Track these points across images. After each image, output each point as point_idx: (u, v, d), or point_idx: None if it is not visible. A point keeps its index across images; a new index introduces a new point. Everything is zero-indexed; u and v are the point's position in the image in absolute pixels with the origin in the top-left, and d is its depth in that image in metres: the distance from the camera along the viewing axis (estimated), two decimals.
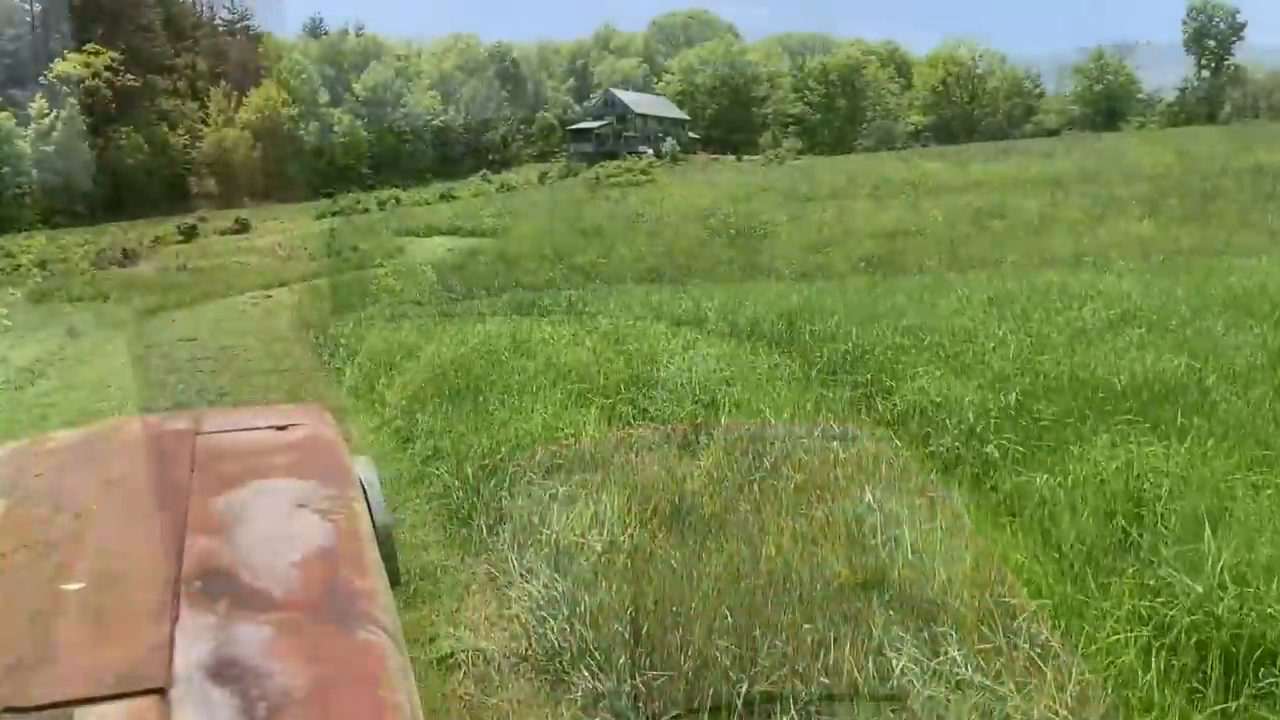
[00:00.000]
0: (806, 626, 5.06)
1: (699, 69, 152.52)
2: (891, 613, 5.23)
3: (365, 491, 2.74)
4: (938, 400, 8.62)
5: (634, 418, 9.61)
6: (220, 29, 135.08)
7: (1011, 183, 37.06)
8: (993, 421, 8.03)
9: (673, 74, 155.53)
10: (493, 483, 8.13)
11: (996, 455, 7.51)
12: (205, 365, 15.85)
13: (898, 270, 17.15)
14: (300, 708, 1.58)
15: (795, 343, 11.27)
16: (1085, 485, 6.56)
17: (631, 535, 6.73)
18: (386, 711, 1.63)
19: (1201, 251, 16.24)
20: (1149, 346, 10.06)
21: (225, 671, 1.63)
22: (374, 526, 2.57)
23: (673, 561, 6.22)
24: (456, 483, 8.58)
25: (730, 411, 8.94)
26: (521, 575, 6.70)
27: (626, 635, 5.33)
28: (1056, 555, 5.50)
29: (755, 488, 7.35)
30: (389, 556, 2.72)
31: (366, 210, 79.93)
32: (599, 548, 6.59)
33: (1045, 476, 6.86)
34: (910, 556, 5.74)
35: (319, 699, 1.61)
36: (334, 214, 76.61)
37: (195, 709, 1.56)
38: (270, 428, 2.82)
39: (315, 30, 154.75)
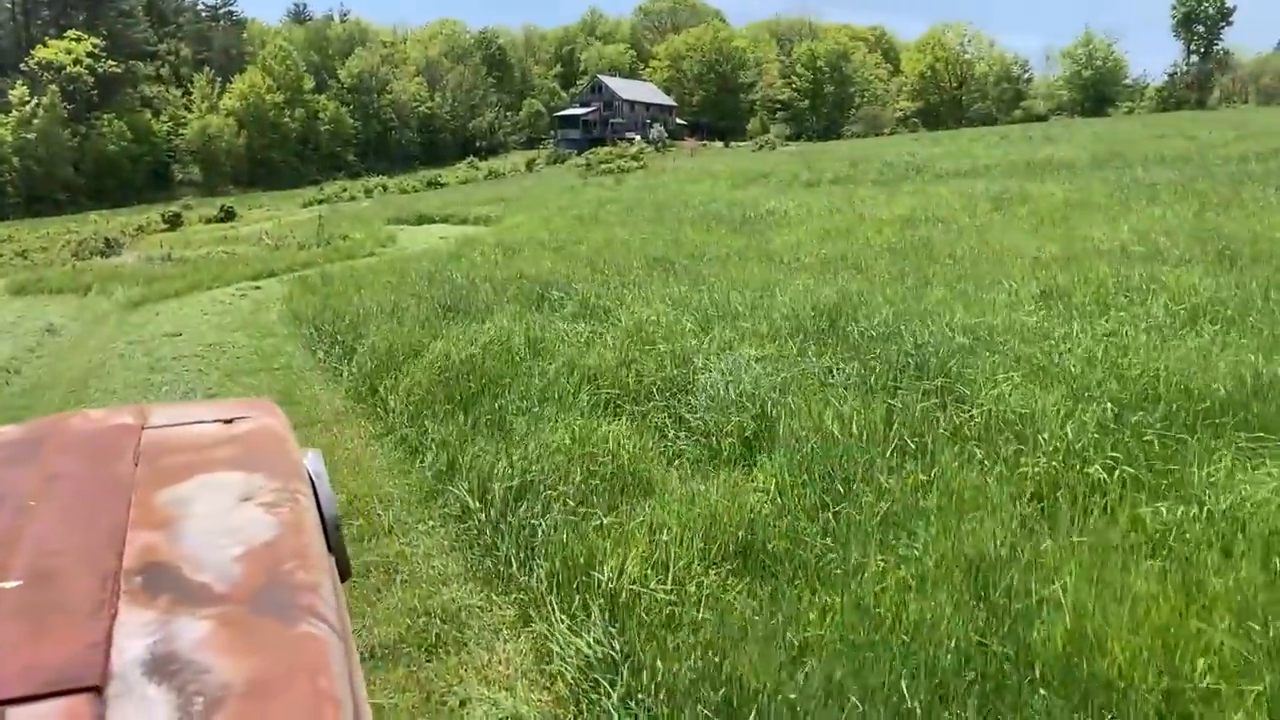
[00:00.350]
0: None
1: (686, 55, 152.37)
2: (1046, 693, 4.24)
3: (314, 484, 2.61)
4: (1022, 411, 7.58)
5: (672, 429, 8.60)
6: (203, 14, 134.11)
7: (1022, 167, 36.04)
8: (1091, 438, 7.02)
9: (660, 60, 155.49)
10: (522, 507, 7.12)
11: (1103, 478, 6.50)
12: (192, 363, 14.84)
13: (927, 259, 16.08)
14: (238, 701, 1.53)
15: (844, 343, 10.19)
16: (1230, 519, 5.58)
17: (699, 580, 5.74)
18: (325, 703, 1.58)
19: (1258, 239, 15.22)
20: (1235, 347, 9.09)
21: (163, 667, 1.60)
22: (323, 519, 2.48)
23: (755, 615, 5.24)
24: (477, 504, 7.58)
25: (787, 423, 7.90)
26: (565, 624, 5.72)
27: None
28: (1249, 627, 4.46)
29: (833, 518, 6.36)
30: (338, 549, 2.62)
31: (353, 198, 79.48)
32: (661, 596, 5.58)
33: (1177, 507, 5.86)
34: (1056, 615, 4.74)
35: (257, 692, 1.56)
36: (320, 201, 76.34)
37: (131, 706, 1.52)
38: (218, 421, 2.71)
39: (300, 16, 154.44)
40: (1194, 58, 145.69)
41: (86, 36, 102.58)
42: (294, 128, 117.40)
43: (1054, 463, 6.81)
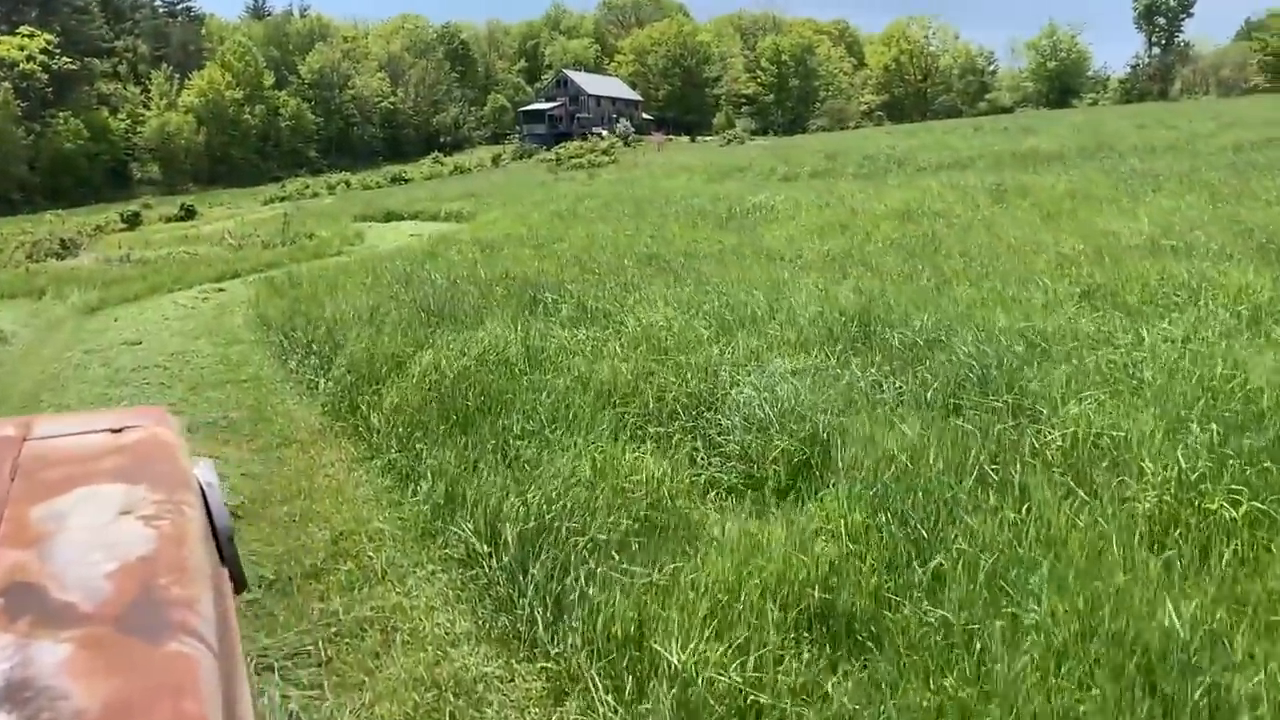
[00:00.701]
0: None
1: (650, 49, 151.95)
2: None
3: (205, 494, 2.29)
4: (1115, 434, 6.58)
5: (706, 456, 7.55)
6: (160, 10, 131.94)
7: (1008, 159, 35.29)
8: (1204, 467, 6.02)
9: (624, 54, 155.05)
10: (542, 553, 6.04)
11: (1231, 516, 5.51)
12: (153, 375, 13.69)
13: (940, 256, 15.14)
14: None
15: (884, 352, 9.14)
16: None
17: (779, 657, 4.70)
18: None
19: None
20: None
21: (15, 695, 1.41)
22: (215, 531, 2.26)
23: (859, 708, 4.21)
24: (486, 547, 6.51)
25: (843, 449, 6.86)
26: (613, 705, 4.70)
27: None
28: None
29: (919, 569, 5.34)
30: (231, 561, 2.31)
31: (316, 195, 78.38)
32: (740, 679, 4.54)
33: None
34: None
35: (114, 717, 1.36)
36: (282, 199, 75.34)
37: None
38: (105, 431, 2.37)
39: (259, 11, 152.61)
40: (1155, 50, 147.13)
41: (40, 33, 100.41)
42: (254, 124, 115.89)
43: (1165, 497, 5.82)
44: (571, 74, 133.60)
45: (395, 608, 6.31)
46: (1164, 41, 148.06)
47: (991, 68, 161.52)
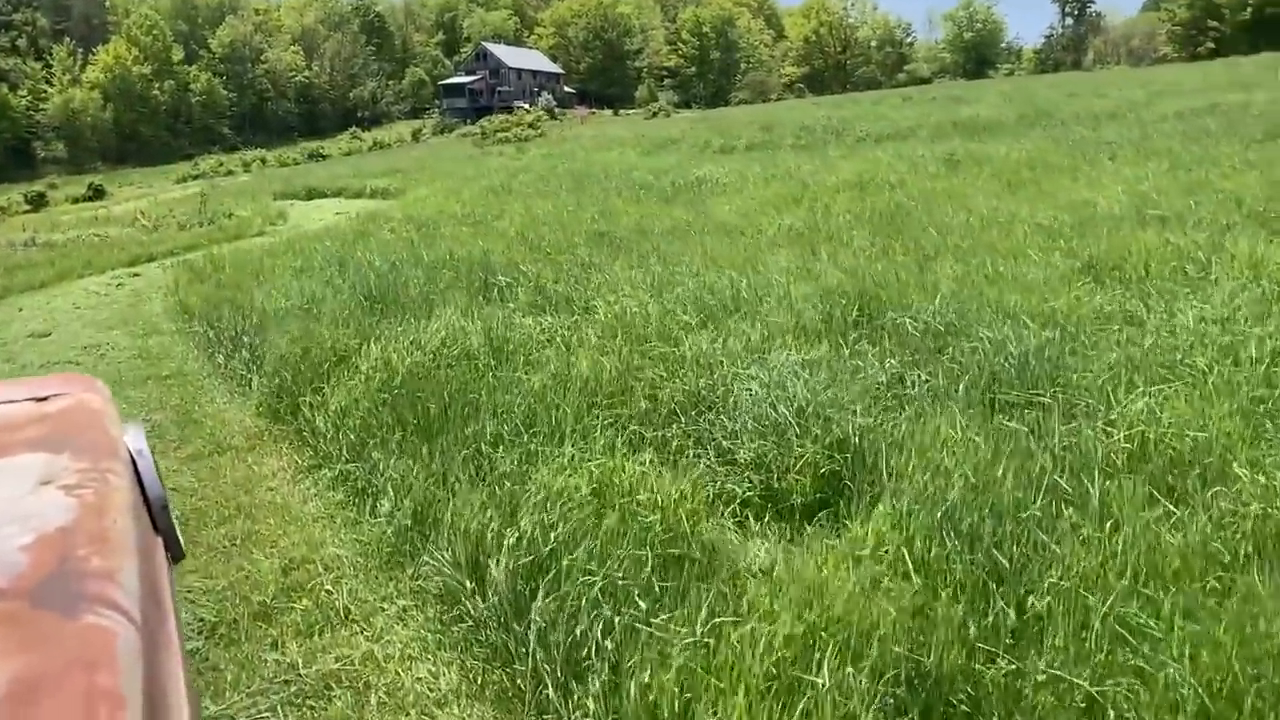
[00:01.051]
0: None
1: (571, 21, 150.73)
2: None
3: (136, 462, 2.34)
4: (1191, 435, 5.72)
5: (717, 467, 6.56)
6: None
7: (949, 128, 34.86)
8: None
9: (545, 27, 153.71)
10: (547, 595, 5.03)
11: None
12: (64, 371, 12.40)
13: (909, 228, 14.35)
14: None
15: (897, 339, 8.28)
16: None
17: None
18: (101, 701, 1.41)
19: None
20: None
21: None
22: (148, 500, 2.31)
23: None
24: (469, 584, 5.50)
25: (886, 457, 5.93)
26: None
27: None
28: None
29: (1004, 608, 4.44)
30: (166, 530, 2.39)
31: (230, 172, 76.58)
32: None
33: None
34: None
35: (20, 695, 1.39)
36: (195, 177, 73.41)
37: None
38: (29, 400, 2.45)
39: None
40: (1069, 20, 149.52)
41: None
42: (164, 101, 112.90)
43: (1271, 510, 4.99)
44: (491, 47, 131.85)
45: (365, 657, 5.29)
46: (1076, 13, 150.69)
47: (909, 39, 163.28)
